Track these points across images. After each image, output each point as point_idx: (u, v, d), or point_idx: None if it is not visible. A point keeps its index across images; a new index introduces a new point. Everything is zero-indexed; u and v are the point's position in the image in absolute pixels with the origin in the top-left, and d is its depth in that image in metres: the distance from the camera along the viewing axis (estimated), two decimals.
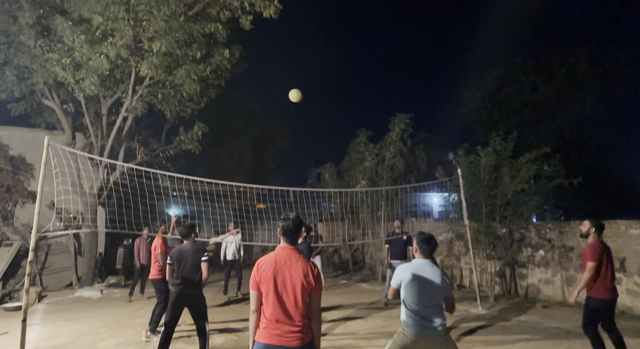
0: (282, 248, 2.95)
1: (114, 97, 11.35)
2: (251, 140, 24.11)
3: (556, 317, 7.50)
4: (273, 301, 2.80)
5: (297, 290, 2.81)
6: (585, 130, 17.58)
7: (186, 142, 12.43)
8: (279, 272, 2.84)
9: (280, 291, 2.81)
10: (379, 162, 13.17)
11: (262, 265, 2.89)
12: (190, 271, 4.98)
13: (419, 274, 3.44)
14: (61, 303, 9.63)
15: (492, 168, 9.28)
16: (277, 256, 2.90)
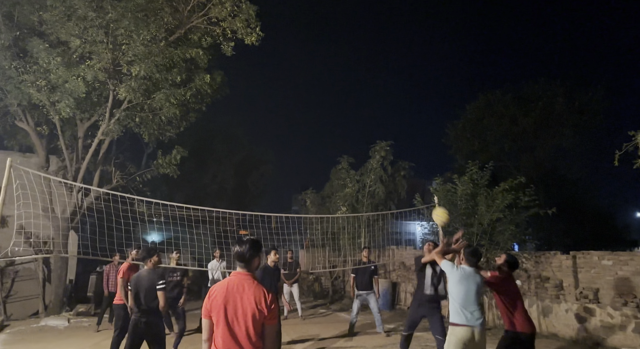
0: (236, 274, 2.82)
1: (91, 120, 11.23)
2: (234, 165, 24.01)
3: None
4: (223, 331, 2.66)
5: (249, 319, 2.66)
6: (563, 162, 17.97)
7: (164, 166, 12.28)
8: (230, 299, 2.70)
9: (231, 320, 2.67)
10: (360, 189, 13.19)
11: (214, 292, 2.77)
12: (147, 298, 4.82)
13: (469, 278, 4.42)
14: (24, 332, 9.20)
15: (468, 197, 9.33)
16: (230, 283, 2.77)
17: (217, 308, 2.70)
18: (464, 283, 4.39)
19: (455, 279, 4.41)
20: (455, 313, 4.38)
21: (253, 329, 2.67)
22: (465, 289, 4.36)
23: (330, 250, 13.59)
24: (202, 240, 12.18)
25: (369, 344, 7.97)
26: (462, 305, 4.34)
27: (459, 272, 4.43)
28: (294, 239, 13.17)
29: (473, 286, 4.39)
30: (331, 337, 8.56)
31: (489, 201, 8.95)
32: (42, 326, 9.81)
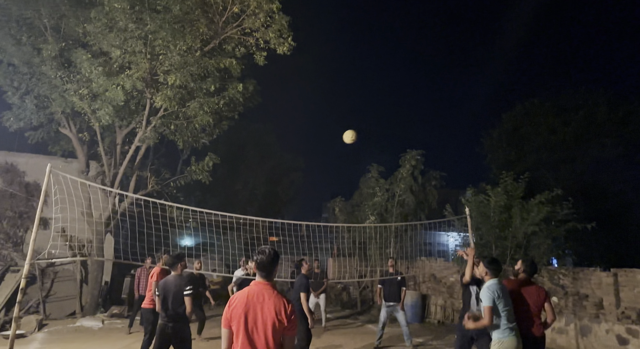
0: (256, 283, 2.83)
1: (129, 127, 11.66)
2: (265, 172, 24.31)
3: None
4: (243, 340, 2.67)
5: (268, 329, 2.67)
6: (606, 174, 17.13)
7: (197, 172, 12.58)
8: (250, 309, 2.71)
9: (251, 330, 2.68)
10: (389, 198, 13.05)
11: (234, 301, 2.78)
12: (174, 303, 4.90)
13: (504, 291, 4.33)
14: (60, 332, 9.56)
15: (502, 209, 9.06)
16: (250, 292, 2.78)
17: (237, 317, 2.71)
18: (501, 298, 4.31)
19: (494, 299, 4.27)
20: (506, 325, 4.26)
21: (272, 339, 2.67)
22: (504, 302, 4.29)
23: (359, 260, 13.49)
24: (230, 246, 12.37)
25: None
26: (510, 319, 4.28)
27: (495, 287, 4.33)
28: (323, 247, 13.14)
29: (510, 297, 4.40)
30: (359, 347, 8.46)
31: (523, 214, 8.67)
32: (78, 327, 10.16)
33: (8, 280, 10.64)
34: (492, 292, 4.25)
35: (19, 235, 11.79)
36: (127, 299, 12.95)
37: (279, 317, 2.69)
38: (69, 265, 11.96)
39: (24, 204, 11.78)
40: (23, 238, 11.80)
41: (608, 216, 13.70)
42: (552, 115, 17.42)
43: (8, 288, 10.33)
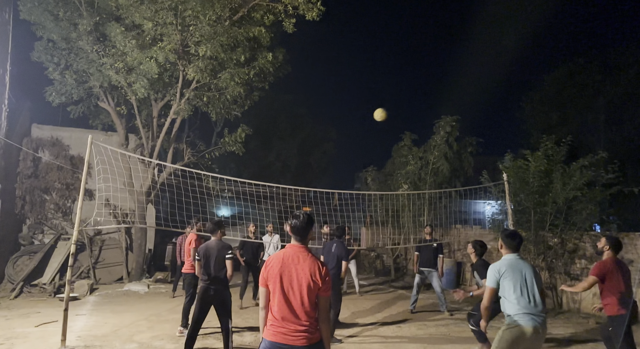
0: (291, 246, 2.95)
1: (164, 100, 11.94)
2: (298, 143, 24.45)
3: None
4: (279, 299, 2.79)
5: (303, 289, 2.79)
6: None
7: (230, 144, 12.80)
8: (286, 270, 2.83)
9: (287, 290, 2.80)
10: (423, 166, 12.89)
11: (270, 262, 2.91)
12: (215, 268, 5.10)
13: (515, 268, 3.69)
14: (110, 295, 10.20)
15: (542, 174, 8.80)
16: (285, 254, 2.90)
17: (273, 278, 2.84)
18: (509, 275, 3.67)
19: (499, 275, 3.70)
20: (514, 312, 3.63)
21: (307, 299, 2.79)
22: (513, 282, 3.64)
23: (392, 228, 13.51)
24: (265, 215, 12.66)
25: (431, 322, 7.93)
26: (517, 302, 3.61)
27: (501, 264, 3.75)
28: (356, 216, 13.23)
29: (523, 276, 3.66)
30: (392, 314, 8.61)
31: (565, 179, 8.40)
32: (126, 291, 10.81)
33: (60, 247, 11.36)
34: (496, 271, 3.71)
35: (67, 206, 12.49)
36: (170, 266, 13.62)
37: (313, 278, 2.80)
38: (114, 233, 12.62)
39: (70, 176, 12.42)
40: (71, 208, 12.51)
41: None
42: (599, 75, 16.49)
43: (61, 255, 11.05)
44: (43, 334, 6.39)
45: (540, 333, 3.58)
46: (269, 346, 2.78)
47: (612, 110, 16.47)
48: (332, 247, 6.62)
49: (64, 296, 5.89)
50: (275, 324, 2.79)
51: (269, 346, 2.78)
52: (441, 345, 6.29)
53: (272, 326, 2.81)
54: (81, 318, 7.55)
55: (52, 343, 5.84)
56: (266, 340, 2.81)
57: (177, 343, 6.12)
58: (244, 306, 8.84)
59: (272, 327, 2.81)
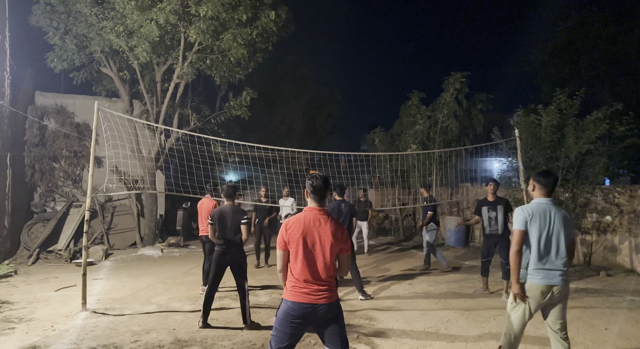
0: (310, 209, 2.93)
1: (167, 64, 11.69)
2: (302, 106, 24.11)
3: (620, 286, 7.02)
4: (302, 262, 2.82)
5: (327, 250, 2.83)
6: None
7: (235, 108, 12.65)
8: (308, 233, 2.84)
9: (310, 252, 2.83)
10: (431, 125, 12.71)
11: (290, 225, 2.89)
12: (230, 232, 5.13)
13: (544, 214, 3.29)
14: (125, 260, 10.41)
15: (554, 129, 8.64)
16: (306, 217, 2.89)
17: (295, 240, 2.84)
18: (537, 220, 3.29)
19: (529, 217, 3.32)
20: (532, 266, 3.33)
21: (330, 259, 2.84)
22: (538, 229, 3.28)
23: (400, 188, 13.51)
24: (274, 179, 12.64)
25: (441, 279, 8.04)
26: (536, 253, 3.29)
27: (530, 207, 3.36)
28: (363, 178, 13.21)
29: (551, 224, 3.28)
30: (402, 272, 8.74)
31: (578, 133, 8.23)
32: (140, 255, 11.02)
33: (73, 214, 11.51)
34: (526, 213, 3.32)
35: (76, 173, 12.55)
36: (182, 230, 13.83)
37: (335, 240, 2.84)
38: (125, 199, 12.73)
39: (77, 144, 12.40)
40: (81, 176, 12.57)
41: None
42: (613, 24, 15.80)
43: (74, 222, 11.21)
44: (64, 298, 6.55)
45: (556, 293, 3.25)
46: (291, 306, 2.81)
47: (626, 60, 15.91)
48: (341, 207, 6.62)
49: (82, 261, 5.98)
50: (298, 285, 2.83)
51: (291, 306, 2.81)
52: (452, 300, 6.38)
53: (294, 287, 2.84)
54: (99, 282, 7.72)
55: (73, 306, 5.98)
56: (288, 301, 2.84)
57: (194, 303, 6.26)
58: (261, 265, 9.11)
59: (293, 288, 2.84)
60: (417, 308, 5.94)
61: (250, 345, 4.53)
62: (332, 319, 2.84)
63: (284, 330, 2.83)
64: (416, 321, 5.33)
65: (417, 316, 5.52)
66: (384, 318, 5.45)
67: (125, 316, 5.59)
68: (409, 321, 5.31)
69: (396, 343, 4.53)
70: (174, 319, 5.46)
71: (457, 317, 5.49)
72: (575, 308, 5.77)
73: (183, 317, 5.57)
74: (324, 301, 2.80)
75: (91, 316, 5.55)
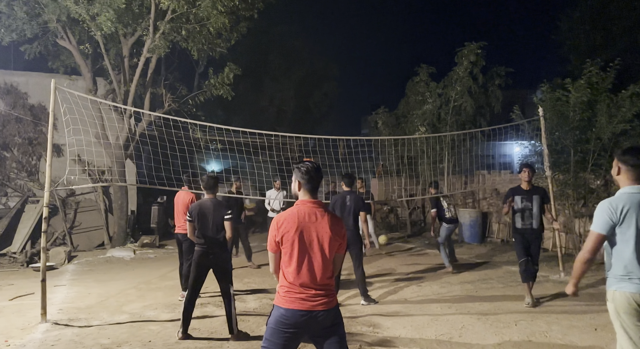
0: (304, 203, 2.89)
1: (135, 35, 11.54)
2: (294, 84, 23.95)
3: None
4: (297, 263, 2.78)
5: (325, 249, 2.80)
6: None
7: (216, 87, 12.54)
8: (304, 230, 2.80)
9: (306, 252, 2.80)
10: (442, 104, 12.69)
11: (282, 222, 2.83)
12: (212, 229, 5.07)
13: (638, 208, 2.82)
14: (91, 263, 10.37)
15: (584, 106, 8.63)
16: (299, 212, 2.84)
17: (289, 240, 2.80)
18: (631, 216, 2.82)
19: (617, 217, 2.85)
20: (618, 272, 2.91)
21: (329, 259, 2.82)
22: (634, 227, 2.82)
23: (407, 177, 13.51)
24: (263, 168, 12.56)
25: (454, 280, 8.08)
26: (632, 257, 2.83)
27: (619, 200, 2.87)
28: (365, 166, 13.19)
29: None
30: (410, 272, 8.78)
31: (612, 110, 8.23)
32: (109, 257, 10.99)
33: (28, 211, 11.44)
34: (612, 211, 2.86)
35: (32, 163, 12.45)
36: (157, 229, 13.77)
37: (334, 236, 2.82)
38: (90, 194, 12.66)
39: (32, 129, 12.27)
40: (37, 166, 12.47)
41: None
42: None
43: (30, 220, 11.14)
44: (20, 308, 6.51)
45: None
46: (285, 314, 2.77)
47: None
48: (346, 199, 6.57)
49: (40, 265, 5.93)
50: (293, 290, 2.79)
51: (285, 314, 2.77)
52: (468, 303, 6.41)
53: (288, 292, 2.79)
54: (61, 289, 7.69)
55: (30, 317, 5.94)
56: (281, 308, 2.79)
57: (173, 311, 6.24)
58: (257, 265, 9.33)
59: (287, 294, 2.80)
60: (427, 313, 5.96)
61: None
62: (331, 327, 2.82)
63: (276, 341, 2.80)
64: (426, 327, 5.35)
65: (427, 322, 5.54)
66: (390, 324, 5.47)
67: (92, 327, 5.56)
68: (418, 328, 5.32)
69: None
70: (149, 330, 5.44)
71: (473, 322, 5.51)
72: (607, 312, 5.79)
73: (160, 327, 5.55)
74: (323, 307, 2.77)
75: (52, 328, 5.51)
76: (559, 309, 6.02)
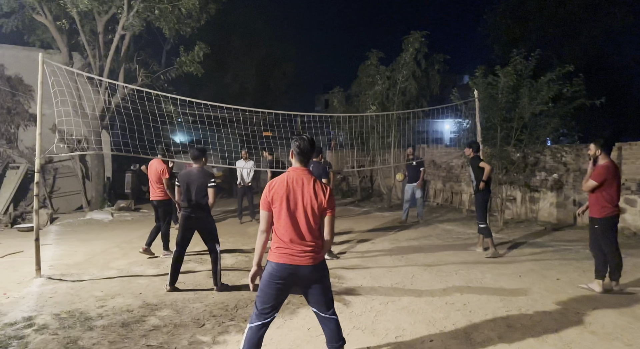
0: (294, 169, 2.91)
1: (109, 12, 10.78)
2: (255, 63, 23.31)
3: (566, 239, 7.65)
4: (286, 222, 2.80)
5: (309, 210, 2.81)
6: (611, 48, 16.66)
7: (187, 64, 12.02)
8: (292, 193, 2.81)
9: (293, 212, 2.81)
10: (391, 86, 12.75)
11: (273, 185, 2.85)
12: (197, 195, 5.00)
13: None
14: (72, 225, 9.94)
15: (510, 90, 8.93)
16: (289, 177, 2.86)
17: (278, 201, 2.81)
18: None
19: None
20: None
21: (313, 219, 2.83)
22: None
23: (359, 150, 13.64)
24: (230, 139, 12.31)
25: (402, 237, 8.35)
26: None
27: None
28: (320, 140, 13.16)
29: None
30: (363, 231, 8.99)
31: (532, 94, 8.58)
32: (89, 219, 10.56)
33: (10, 176, 10.73)
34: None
35: (11, 132, 11.58)
36: (131, 194, 13.30)
37: (319, 199, 2.83)
38: (67, 161, 11.99)
39: (10, 99, 11.36)
40: (16, 135, 11.62)
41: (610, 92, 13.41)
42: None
43: (12, 184, 10.47)
44: (12, 264, 6.20)
45: None
46: (275, 267, 2.81)
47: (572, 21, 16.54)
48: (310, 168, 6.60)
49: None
50: (282, 246, 2.81)
51: (275, 267, 2.81)
52: (414, 256, 6.68)
53: (279, 248, 2.82)
54: (48, 248, 7.36)
55: (24, 272, 5.68)
56: (272, 262, 2.83)
57: (157, 267, 6.13)
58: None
59: (278, 249, 2.82)
60: (382, 265, 6.16)
61: (223, 306, 4.54)
62: (317, 280, 2.87)
63: (269, 291, 2.84)
64: (383, 277, 5.54)
65: (383, 273, 5.73)
66: (352, 276, 5.62)
67: (84, 281, 5.39)
68: (376, 278, 5.50)
69: (366, 299, 4.70)
70: (138, 284, 5.33)
71: (421, 272, 5.76)
72: (528, 261, 6.24)
73: (148, 281, 5.45)
74: (309, 262, 2.80)
75: (47, 282, 5.30)
76: (489, 260, 6.39)
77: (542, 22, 16.83)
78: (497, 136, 9.18)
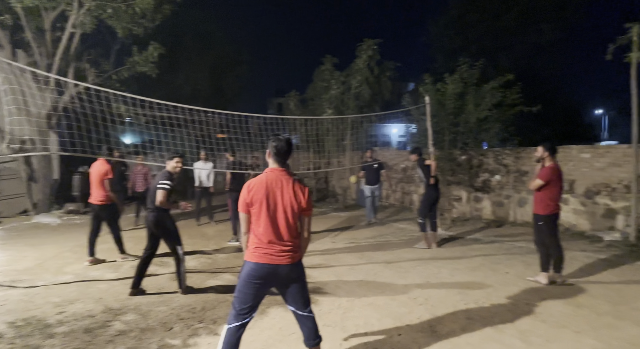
0: (273, 170, 2.86)
1: (57, 9, 10.09)
2: (208, 66, 22.74)
3: (509, 235, 8.05)
4: (265, 223, 2.76)
5: (289, 211, 2.78)
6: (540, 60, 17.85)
7: (141, 64, 11.51)
8: (271, 194, 2.77)
9: (272, 213, 2.77)
10: (345, 91, 12.89)
11: (252, 186, 2.79)
12: (152, 196, 4.81)
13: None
14: (18, 229, 9.21)
15: (457, 96, 9.31)
16: (268, 178, 2.81)
17: (257, 202, 2.76)
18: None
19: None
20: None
21: (292, 220, 2.80)
22: None
23: (315, 153, 13.66)
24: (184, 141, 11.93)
25: (360, 236, 8.45)
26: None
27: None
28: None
29: None
30: (322, 230, 9.00)
31: (477, 100, 8.98)
32: (35, 223, 9.84)
33: None
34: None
35: None
36: (80, 197, 12.50)
37: (298, 200, 2.80)
38: (10, 162, 11.09)
39: None
40: None
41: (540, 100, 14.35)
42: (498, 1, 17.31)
43: None
44: None
45: None
46: (254, 267, 2.78)
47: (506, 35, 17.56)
48: None
49: None
50: (261, 246, 2.78)
51: (254, 267, 2.78)
52: (373, 253, 6.77)
53: (258, 248, 2.79)
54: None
55: None
56: (251, 263, 2.79)
57: (116, 271, 5.81)
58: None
59: (257, 250, 2.79)
60: (344, 263, 6.19)
61: (189, 309, 4.37)
62: (295, 279, 2.86)
63: (247, 291, 2.80)
64: (347, 275, 5.57)
65: (346, 271, 5.77)
66: (317, 274, 5.61)
67: (38, 287, 5.00)
68: (340, 276, 5.53)
69: (333, 297, 4.71)
70: (97, 288, 5.03)
71: (382, 269, 5.85)
72: (478, 256, 6.51)
73: (107, 286, 5.15)
74: (288, 261, 2.79)
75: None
76: (443, 256, 6.59)
77: (480, 34, 17.73)
78: (445, 140, 9.53)
